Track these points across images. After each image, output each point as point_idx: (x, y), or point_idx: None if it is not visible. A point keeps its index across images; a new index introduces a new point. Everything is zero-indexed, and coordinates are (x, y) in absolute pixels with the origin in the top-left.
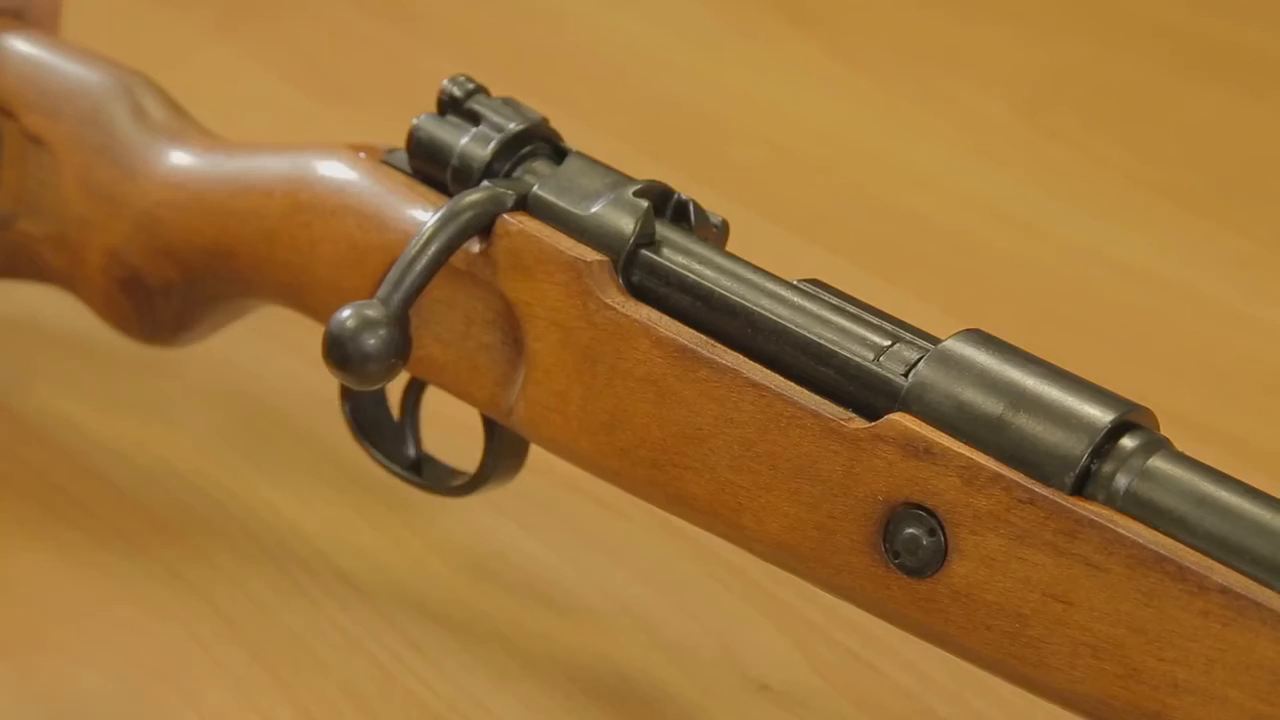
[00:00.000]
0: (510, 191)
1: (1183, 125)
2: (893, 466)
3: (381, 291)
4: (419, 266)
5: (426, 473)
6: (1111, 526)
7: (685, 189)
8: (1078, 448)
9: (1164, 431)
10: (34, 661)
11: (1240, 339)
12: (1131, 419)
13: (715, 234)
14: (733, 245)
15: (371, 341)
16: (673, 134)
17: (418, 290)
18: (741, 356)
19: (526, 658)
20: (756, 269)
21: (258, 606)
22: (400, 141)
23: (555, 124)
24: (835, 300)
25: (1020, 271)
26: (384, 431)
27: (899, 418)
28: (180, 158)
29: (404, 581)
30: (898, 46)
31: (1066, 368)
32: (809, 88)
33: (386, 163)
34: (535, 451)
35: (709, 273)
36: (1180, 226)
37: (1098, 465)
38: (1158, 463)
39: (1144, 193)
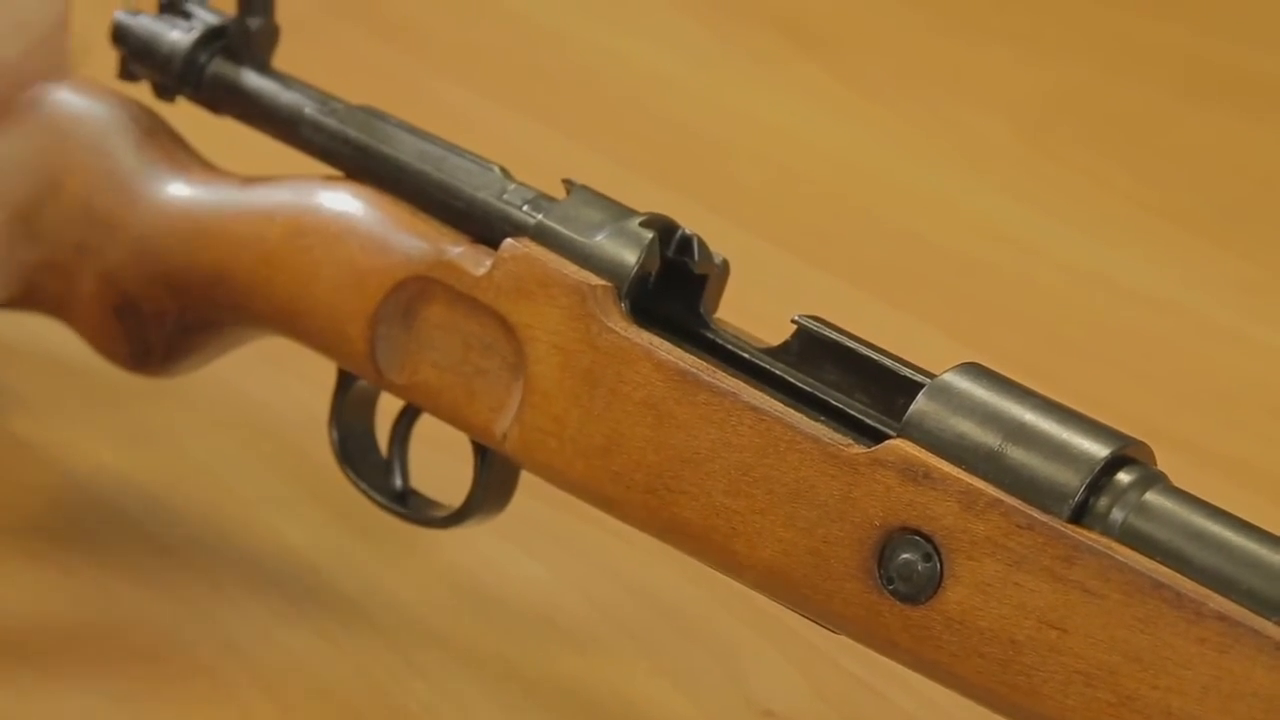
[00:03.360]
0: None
1: (1184, 148)
2: (891, 491)
3: None
4: None
5: (411, 505)
6: (1109, 553)
7: (686, 210)
8: (1074, 481)
9: (1167, 455)
10: (38, 685)
11: (1243, 362)
12: (1128, 453)
13: (717, 272)
14: (734, 268)
15: None
16: (675, 156)
17: None
18: (741, 382)
19: (531, 683)
20: (407, 126)
21: (262, 631)
22: None
23: (557, 146)
24: (836, 334)
25: (1022, 294)
26: (370, 459)
27: (899, 443)
28: (181, 187)
29: (408, 606)
30: (901, 69)
31: (1067, 393)
32: (812, 110)
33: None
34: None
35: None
36: (1182, 249)
37: (1094, 499)
38: (1153, 497)
39: (1146, 215)
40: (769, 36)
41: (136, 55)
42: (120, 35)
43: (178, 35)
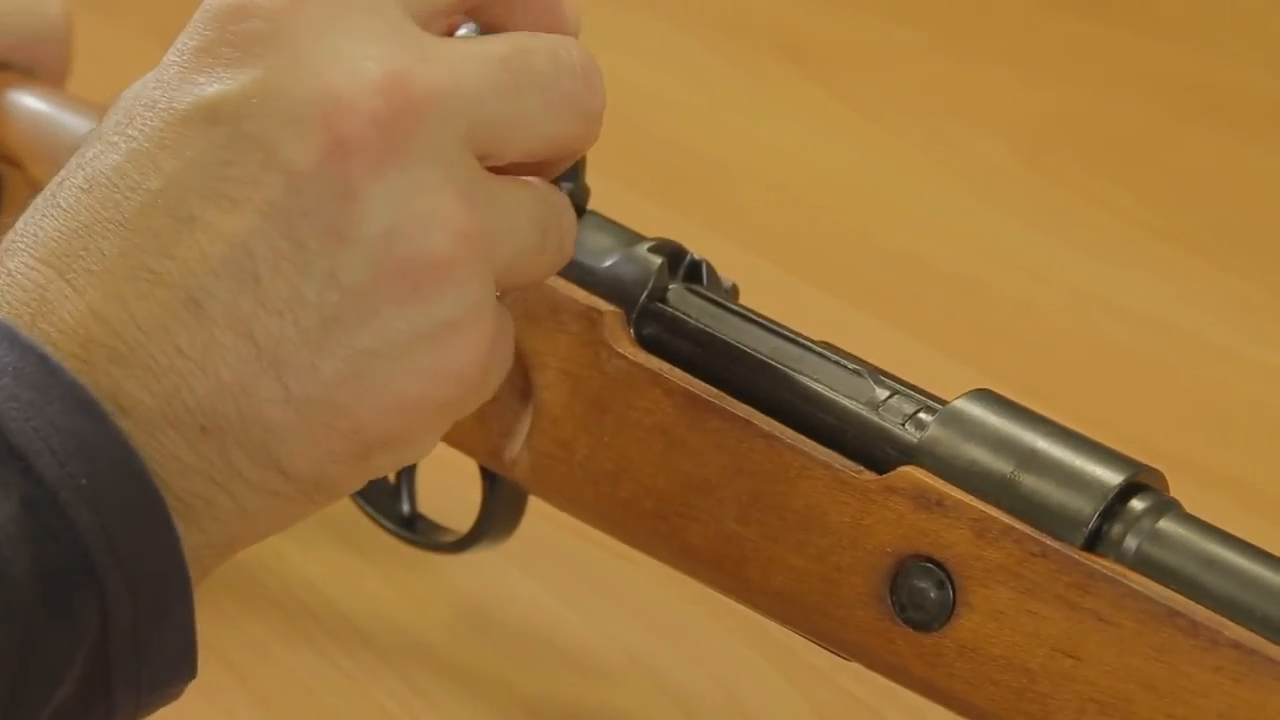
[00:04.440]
0: None
1: (1183, 168)
2: (903, 519)
3: None
4: None
5: (419, 530)
6: (1124, 581)
7: (684, 230)
8: (1087, 508)
9: (1167, 476)
10: None
11: (1242, 383)
12: (1141, 480)
13: (725, 297)
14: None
15: None
16: (674, 176)
17: None
18: (753, 409)
19: (531, 704)
20: (768, 323)
21: (263, 653)
22: None
23: None
24: (845, 359)
25: (1021, 315)
26: (378, 485)
27: (911, 470)
28: None
29: (409, 627)
30: (900, 90)
31: (1066, 414)
32: (811, 130)
33: None
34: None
35: (721, 326)
36: (1182, 270)
37: (1107, 526)
38: (1167, 525)
39: (1145, 236)
40: (769, 57)
41: None
42: None
43: None
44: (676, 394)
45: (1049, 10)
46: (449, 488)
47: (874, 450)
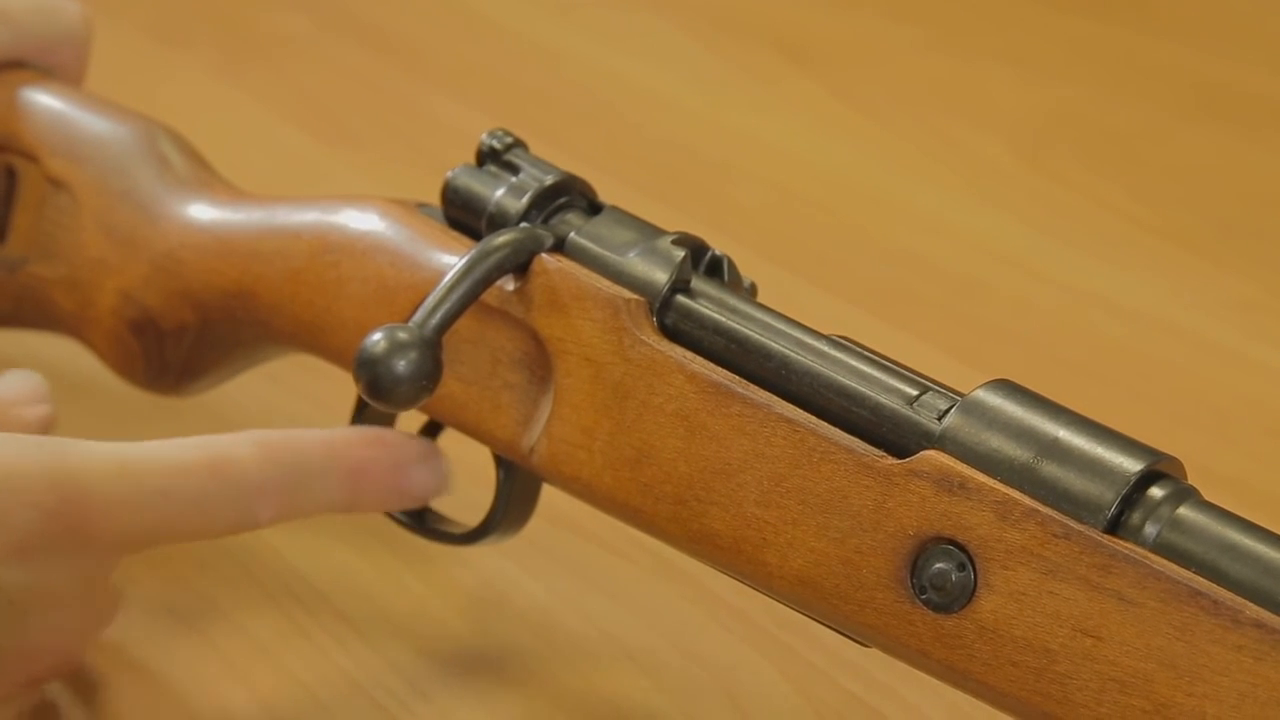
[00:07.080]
0: (548, 233)
1: (1183, 168)
2: (925, 501)
3: (415, 318)
4: (454, 296)
5: (430, 522)
6: (1147, 562)
7: (684, 229)
8: (1108, 494)
9: None
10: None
11: (1241, 381)
12: (1160, 468)
13: (745, 294)
14: None
15: (402, 364)
16: (673, 175)
17: (451, 318)
18: (773, 395)
19: (528, 701)
20: (788, 319)
21: (259, 649)
22: (407, 184)
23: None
24: (866, 352)
25: (1020, 314)
26: None
27: (934, 454)
28: (204, 205)
29: (406, 624)
30: (899, 88)
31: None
32: (810, 129)
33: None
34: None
35: (743, 319)
36: (1181, 269)
37: (1127, 513)
38: (1186, 512)
39: (1144, 235)
40: (768, 56)
41: (456, 207)
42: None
43: (504, 196)
44: (699, 380)
45: (1049, 10)
46: (457, 486)
47: (895, 439)
